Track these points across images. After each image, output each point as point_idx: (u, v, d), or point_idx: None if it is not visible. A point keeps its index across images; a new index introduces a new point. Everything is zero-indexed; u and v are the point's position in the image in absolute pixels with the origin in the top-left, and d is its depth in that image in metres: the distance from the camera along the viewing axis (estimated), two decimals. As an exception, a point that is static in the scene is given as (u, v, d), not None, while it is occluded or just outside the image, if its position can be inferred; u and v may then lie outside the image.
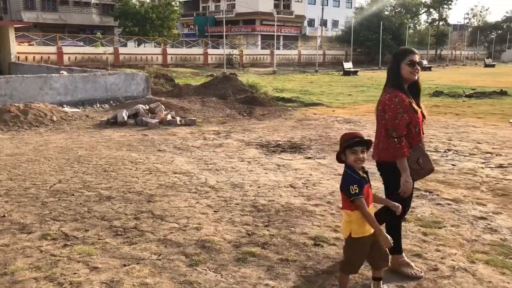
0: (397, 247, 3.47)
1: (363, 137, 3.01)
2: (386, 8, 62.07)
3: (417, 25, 70.33)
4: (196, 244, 4.00)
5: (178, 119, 11.06)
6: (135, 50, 40.28)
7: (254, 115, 12.45)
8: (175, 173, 6.44)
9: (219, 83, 16.81)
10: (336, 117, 12.31)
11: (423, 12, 72.15)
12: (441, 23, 73.22)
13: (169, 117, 11.05)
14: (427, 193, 5.54)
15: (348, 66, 35.92)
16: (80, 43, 39.06)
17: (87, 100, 13.45)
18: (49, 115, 10.75)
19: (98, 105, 13.47)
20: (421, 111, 3.46)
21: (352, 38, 49.70)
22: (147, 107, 11.42)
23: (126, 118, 10.66)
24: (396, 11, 63.85)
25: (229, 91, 15.62)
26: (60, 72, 15.59)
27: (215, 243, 4.02)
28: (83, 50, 35.83)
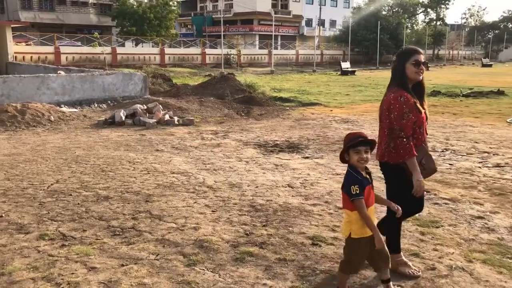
0: (395, 247, 3.47)
1: (367, 137, 2.99)
2: (383, 8, 62.23)
3: (414, 25, 70.52)
4: (194, 244, 4.00)
5: (176, 119, 11.06)
6: (133, 50, 40.28)
7: (252, 115, 12.45)
8: (173, 173, 6.43)
9: (217, 83, 16.81)
10: (334, 116, 12.33)
11: (420, 12, 72.32)
12: (438, 23, 73.39)
13: (167, 117, 11.04)
14: (425, 192, 5.54)
15: (345, 66, 35.96)
16: (78, 43, 39.03)
17: (84, 100, 13.43)
18: (46, 115, 10.73)
19: (96, 105, 13.46)
20: (424, 112, 3.43)
21: (349, 38, 49.76)
22: (145, 107, 11.41)
23: (124, 118, 10.65)
24: (393, 11, 63.98)
25: (227, 91, 15.62)
26: (58, 72, 15.56)
27: (213, 243, 4.02)
28: (81, 50, 35.81)
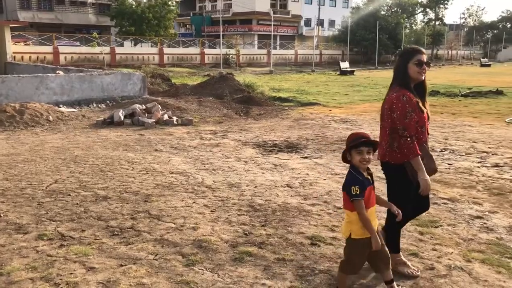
0: (394, 246, 3.47)
1: (370, 137, 2.98)
2: (382, 8, 62.24)
3: (413, 24, 70.53)
4: (193, 244, 3.99)
5: (174, 119, 11.05)
6: (132, 50, 40.25)
7: (251, 115, 12.45)
8: (172, 173, 6.43)
9: (215, 83, 16.81)
10: (332, 116, 12.33)
11: (419, 12, 72.37)
12: (437, 23, 73.43)
13: (165, 117, 11.04)
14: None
15: (344, 65, 35.95)
16: (77, 43, 38.99)
17: (83, 100, 13.42)
18: (45, 115, 10.72)
19: (95, 105, 13.44)
20: (426, 112, 3.43)
21: (348, 37, 49.77)
22: (144, 107, 11.40)
23: (122, 118, 10.64)
24: (392, 10, 64.02)
25: (225, 91, 15.62)
26: (56, 72, 15.55)
27: (212, 243, 4.02)
28: (80, 50, 35.78)
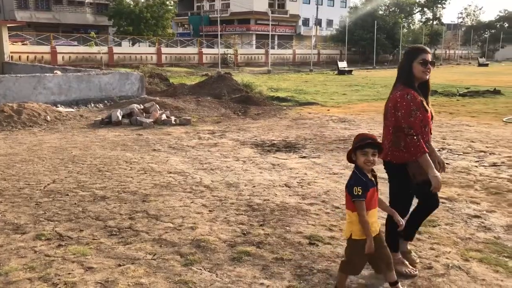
0: (394, 246, 3.48)
1: (376, 139, 2.98)
2: (380, 8, 62.28)
3: (411, 24, 70.61)
4: (191, 244, 3.99)
5: (172, 118, 11.04)
6: (130, 49, 40.18)
7: (249, 115, 12.45)
8: (170, 172, 6.43)
9: (214, 83, 16.81)
10: (330, 116, 12.34)
11: (417, 12, 72.49)
12: (435, 23, 73.54)
13: (163, 116, 11.03)
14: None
15: (342, 65, 36.00)
16: (74, 43, 38.90)
17: (81, 100, 13.40)
18: (43, 115, 10.70)
19: (93, 104, 13.43)
20: (430, 111, 3.43)
21: (346, 37, 49.84)
22: (142, 107, 11.39)
23: (120, 117, 10.63)
24: (390, 10, 64.07)
25: (224, 91, 15.62)
26: (54, 71, 15.52)
27: (210, 242, 4.02)
28: (77, 49, 35.70)
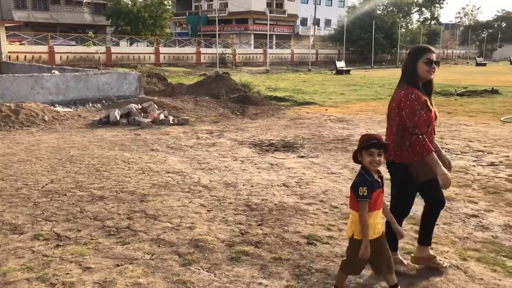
0: (393, 245, 3.48)
1: (382, 139, 2.98)
2: (378, 7, 62.36)
3: (409, 24, 70.69)
4: (189, 244, 3.99)
5: (171, 118, 11.04)
6: (128, 49, 40.14)
7: (247, 114, 12.45)
8: (168, 172, 6.42)
9: (212, 82, 16.80)
10: (329, 116, 12.35)
11: (415, 11, 72.61)
12: (433, 22, 73.70)
13: (161, 116, 11.02)
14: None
15: (340, 65, 36.02)
16: (72, 43, 38.82)
17: (79, 100, 13.38)
18: (40, 115, 10.68)
19: (90, 104, 13.40)
20: (434, 111, 3.42)
21: (344, 37, 49.86)
22: (140, 107, 11.38)
23: (118, 117, 10.62)
24: (388, 10, 64.12)
25: (222, 90, 15.61)
26: (52, 71, 15.50)
27: (208, 242, 4.02)
28: (75, 49, 35.65)
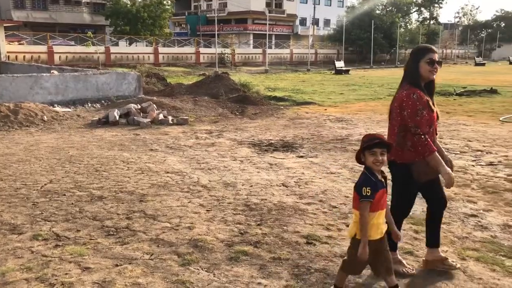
0: (392, 245, 3.48)
1: (384, 138, 2.98)
2: (377, 7, 62.37)
3: (408, 24, 70.72)
4: (188, 244, 3.99)
5: (170, 118, 11.03)
6: (127, 49, 40.12)
7: (246, 114, 12.45)
8: (167, 172, 6.42)
9: (211, 82, 16.79)
10: (328, 115, 12.35)
11: (414, 11, 72.61)
12: (432, 22, 73.70)
13: (161, 116, 11.02)
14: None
15: (340, 65, 36.01)
16: (71, 42, 38.79)
17: (78, 100, 13.37)
18: (39, 115, 10.67)
19: (90, 104, 13.40)
20: (436, 111, 3.41)
21: (343, 37, 49.86)
22: (139, 107, 11.37)
23: (117, 117, 10.61)
24: (387, 10, 64.14)
25: (221, 90, 15.60)
26: (51, 71, 15.48)
27: (208, 242, 4.02)
28: (74, 49, 35.63)
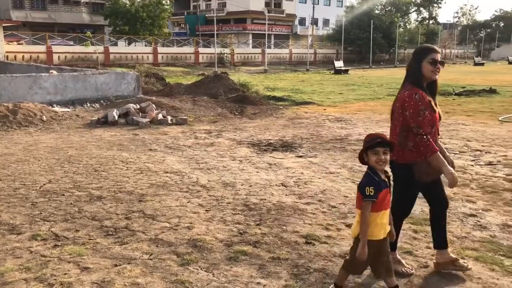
0: (392, 244, 3.47)
1: (386, 138, 2.98)
2: (376, 7, 62.38)
3: (407, 23, 70.74)
4: (187, 244, 3.99)
5: (169, 118, 11.03)
6: (126, 49, 40.10)
7: (246, 114, 12.45)
8: (166, 172, 6.42)
9: (210, 82, 16.79)
10: (327, 115, 12.35)
11: (413, 11, 72.63)
12: (431, 22, 73.75)
13: (160, 116, 11.01)
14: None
15: (339, 64, 36.04)
16: (70, 42, 38.77)
17: (77, 100, 13.36)
18: (38, 115, 10.66)
19: (89, 104, 13.39)
20: (438, 111, 3.41)
21: (343, 37, 49.87)
22: (138, 106, 11.37)
23: (116, 117, 10.60)
24: (386, 10, 64.17)
25: (220, 90, 15.60)
26: (50, 71, 15.47)
27: (207, 242, 4.01)
28: (73, 49, 35.62)
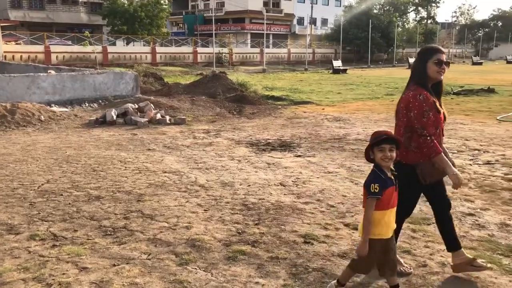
0: None
1: (392, 135, 2.97)
2: (375, 7, 62.38)
3: (405, 23, 70.73)
4: (186, 243, 3.99)
5: (167, 118, 11.02)
6: (124, 49, 40.02)
7: (244, 114, 12.45)
8: (165, 172, 6.41)
9: (208, 82, 16.79)
10: (325, 115, 12.36)
11: (411, 11, 72.68)
12: (429, 21, 73.83)
13: (158, 116, 11.00)
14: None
15: (337, 64, 36.07)
16: (68, 42, 38.69)
17: (75, 100, 13.34)
18: (37, 115, 10.65)
19: (87, 104, 13.37)
20: (443, 112, 3.40)
21: (341, 36, 49.90)
22: (136, 106, 11.36)
23: (115, 117, 10.60)
24: (384, 9, 64.19)
25: (218, 90, 15.60)
26: (48, 71, 15.45)
27: (205, 242, 4.01)
28: (71, 49, 35.55)
